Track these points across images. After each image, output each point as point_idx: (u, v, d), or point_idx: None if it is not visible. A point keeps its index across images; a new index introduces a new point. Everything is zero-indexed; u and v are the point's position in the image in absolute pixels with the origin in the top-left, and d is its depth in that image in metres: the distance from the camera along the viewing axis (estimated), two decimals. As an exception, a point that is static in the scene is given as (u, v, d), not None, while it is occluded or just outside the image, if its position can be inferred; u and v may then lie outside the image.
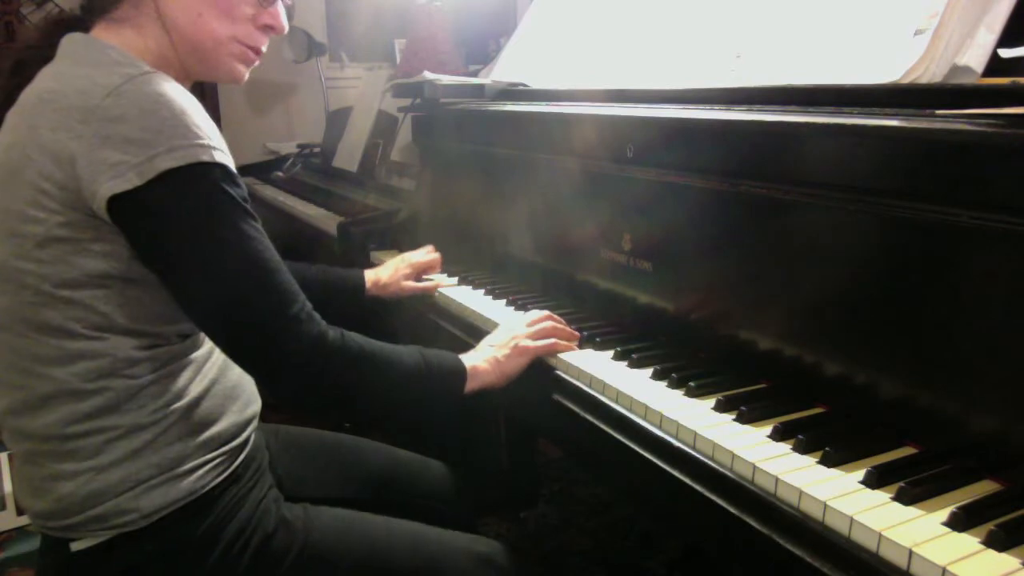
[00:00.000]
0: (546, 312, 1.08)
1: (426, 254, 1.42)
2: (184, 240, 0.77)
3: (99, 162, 0.73)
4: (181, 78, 0.87)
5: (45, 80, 0.80)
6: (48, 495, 0.80)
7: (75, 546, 0.80)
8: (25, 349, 0.79)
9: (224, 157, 0.78)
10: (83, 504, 0.78)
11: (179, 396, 0.83)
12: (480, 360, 0.99)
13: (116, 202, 0.74)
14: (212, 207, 0.77)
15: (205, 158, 0.76)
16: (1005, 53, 0.87)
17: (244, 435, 0.90)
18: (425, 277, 1.41)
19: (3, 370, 0.81)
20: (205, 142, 0.76)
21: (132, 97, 0.74)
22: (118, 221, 0.76)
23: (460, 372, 0.96)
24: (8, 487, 1.99)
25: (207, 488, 0.84)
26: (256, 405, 0.95)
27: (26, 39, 0.88)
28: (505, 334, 1.04)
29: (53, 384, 0.79)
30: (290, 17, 0.93)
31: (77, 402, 0.79)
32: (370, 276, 1.34)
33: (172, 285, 0.80)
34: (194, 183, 0.76)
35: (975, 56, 0.87)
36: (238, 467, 0.88)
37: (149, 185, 0.73)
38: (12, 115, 0.81)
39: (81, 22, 0.86)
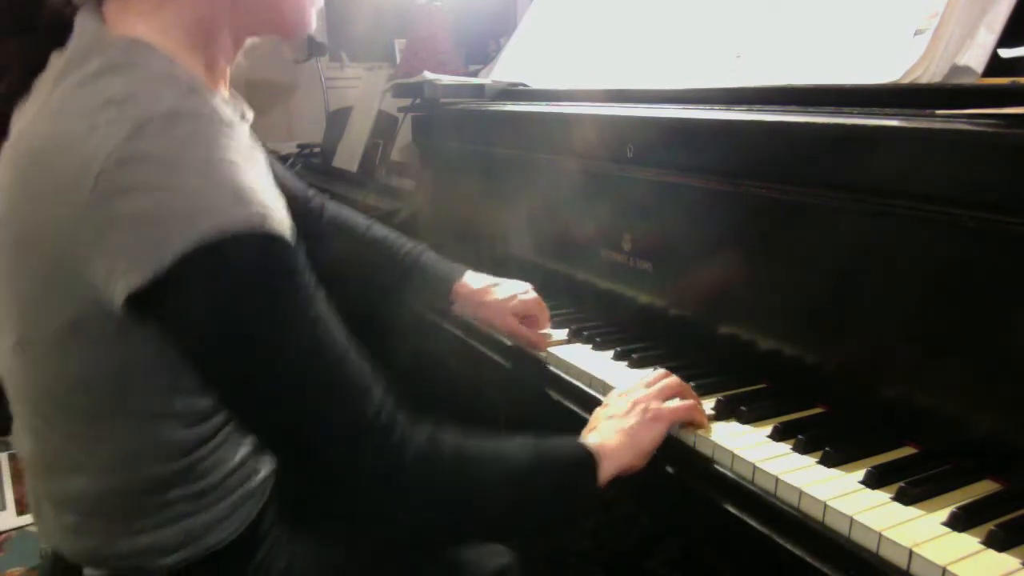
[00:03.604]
0: (662, 371, 0.89)
1: (534, 300, 1.13)
2: (222, 339, 0.61)
3: (109, 251, 0.59)
4: (231, 46, 0.73)
5: (42, 121, 0.65)
6: (69, 541, 0.76)
7: (88, 572, 0.77)
8: (51, 420, 0.71)
9: (264, 217, 0.60)
10: (106, 556, 0.75)
11: (215, 469, 0.75)
12: (607, 437, 0.79)
13: (134, 299, 0.59)
14: (253, 292, 0.60)
15: (235, 227, 0.58)
16: (1005, 53, 0.87)
17: (272, 480, 0.85)
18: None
19: (34, 425, 0.73)
20: (236, 205, 0.59)
21: (141, 158, 0.58)
22: (143, 319, 0.62)
23: (586, 461, 0.76)
24: (8, 487, 1.99)
25: (232, 538, 0.79)
26: None
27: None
28: (624, 401, 0.84)
29: (79, 456, 0.71)
30: None
31: (104, 476, 0.71)
32: (469, 284, 1.13)
33: (217, 391, 0.68)
34: (224, 264, 0.58)
35: (975, 56, 0.87)
36: (262, 509, 0.83)
37: (169, 273, 0.57)
38: (5, 167, 0.67)
39: None
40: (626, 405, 0.83)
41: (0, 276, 0.68)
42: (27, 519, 1.89)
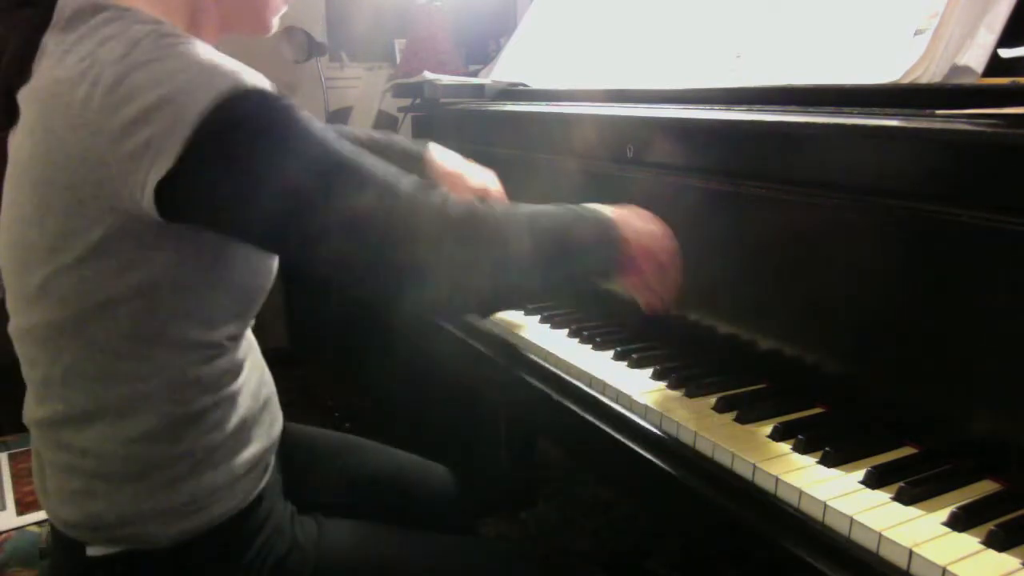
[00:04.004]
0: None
1: (498, 191, 1.22)
2: (256, 189, 0.68)
3: (130, 156, 0.65)
4: (212, 35, 0.82)
5: (48, 72, 0.71)
6: (75, 508, 0.77)
7: (91, 551, 0.78)
8: (71, 363, 0.74)
9: (254, 79, 0.68)
10: (110, 524, 0.76)
11: (218, 426, 0.79)
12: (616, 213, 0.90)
13: (163, 192, 0.65)
14: (266, 136, 0.67)
15: (232, 90, 0.65)
16: (1005, 53, 0.87)
17: (271, 456, 0.88)
18: None
19: (53, 378, 0.76)
20: (227, 75, 0.66)
21: (135, 66, 0.66)
22: (176, 209, 0.67)
23: (605, 218, 0.89)
24: (8, 487, 1.99)
25: (233, 513, 0.81)
26: (280, 421, 0.92)
27: None
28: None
29: (96, 402, 0.75)
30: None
31: (118, 422, 0.75)
32: (438, 160, 1.22)
33: (277, 246, 0.76)
34: (234, 121, 0.66)
35: (975, 56, 0.87)
36: (262, 489, 0.85)
37: (190, 150, 0.64)
38: (27, 113, 0.72)
39: None
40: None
41: (27, 223, 0.72)
42: (27, 519, 1.89)
